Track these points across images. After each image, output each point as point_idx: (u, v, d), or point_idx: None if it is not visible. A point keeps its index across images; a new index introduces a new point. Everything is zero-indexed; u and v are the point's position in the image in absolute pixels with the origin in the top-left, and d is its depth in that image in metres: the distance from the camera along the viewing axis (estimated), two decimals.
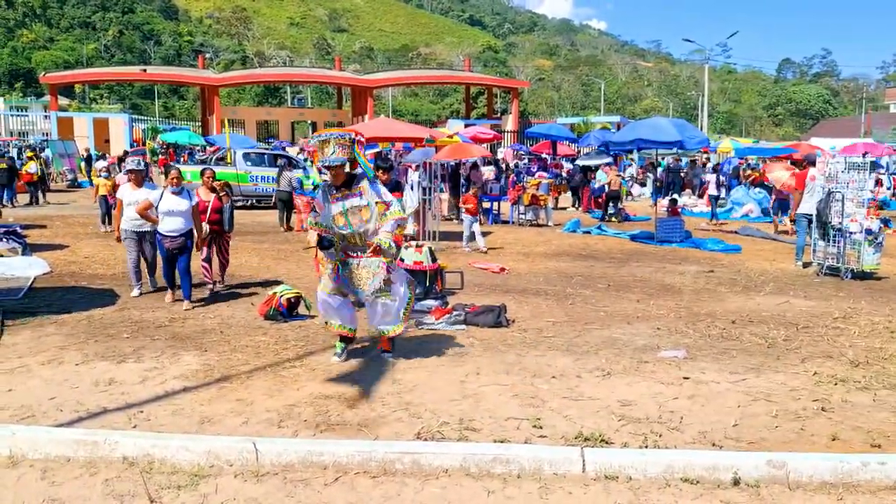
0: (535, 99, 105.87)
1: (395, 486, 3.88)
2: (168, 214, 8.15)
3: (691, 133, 14.63)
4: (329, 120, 54.87)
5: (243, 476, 3.94)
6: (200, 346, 6.56)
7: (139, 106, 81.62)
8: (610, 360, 6.20)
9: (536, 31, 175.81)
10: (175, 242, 8.22)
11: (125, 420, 4.67)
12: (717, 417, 4.82)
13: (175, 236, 8.20)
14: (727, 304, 8.77)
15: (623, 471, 3.95)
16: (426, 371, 5.85)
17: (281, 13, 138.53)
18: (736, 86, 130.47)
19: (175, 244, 8.22)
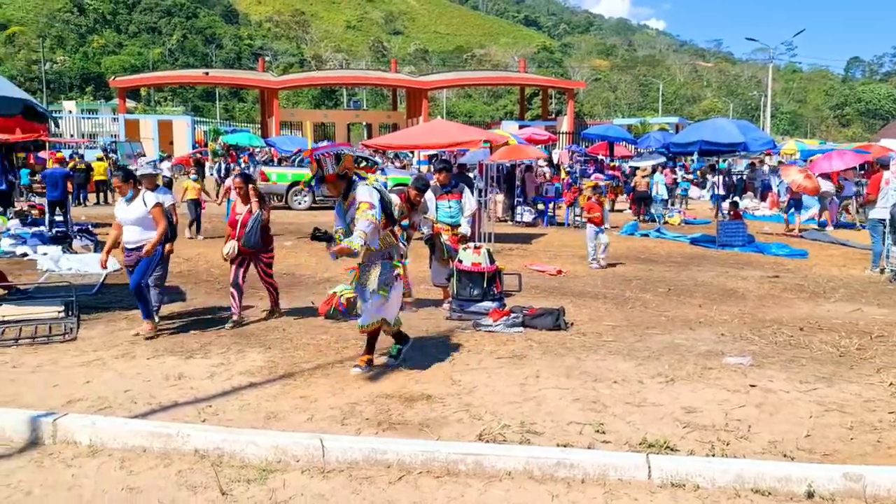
0: (591, 100, 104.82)
1: (458, 487, 3.89)
2: (123, 223, 7.06)
3: (755, 134, 14.28)
4: (384, 122, 55.45)
5: (310, 472, 4.01)
6: (264, 343, 6.70)
7: (201, 108, 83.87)
8: (673, 365, 6.10)
9: (593, 31, 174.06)
10: (130, 258, 7.02)
11: (195, 414, 4.80)
12: (788, 427, 4.69)
13: (130, 249, 7.03)
14: (794, 310, 8.52)
15: (690, 479, 3.87)
16: (485, 373, 5.85)
17: (338, 16, 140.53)
18: (801, 85, 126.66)
19: (131, 260, 7.02)
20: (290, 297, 8.87)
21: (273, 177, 21.26)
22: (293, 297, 8.81)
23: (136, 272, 6.84)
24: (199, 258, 11.84)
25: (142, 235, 6.93)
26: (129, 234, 6.97)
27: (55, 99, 71.51)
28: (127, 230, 6.98)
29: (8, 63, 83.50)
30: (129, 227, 6.96)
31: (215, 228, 16.30)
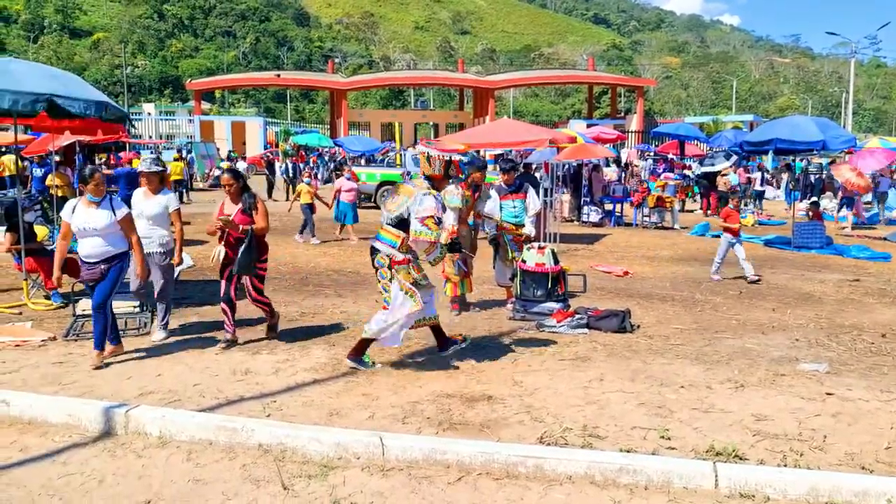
0: (662, 98, 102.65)
1: (518, 490, 3.85)
2: (81, 234, 5.87)
3: (835, 132, 13.66)
4: (451, 122, 55.59)
5: (370, 470, 4.04)
6: (328, 340, 6.80)
7: (272, 109, 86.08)
8: (743, 371, 5.89)
9: (664, 27, 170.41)
10: (92, 273, 5.89)
11: (260, 409, 4.91)
12: (867, 438, 4.46)
13: (92, 263, 5.88)
14: (876, 315, 8.12)
15: (760, 489, 3.73)
16: (548, 374, 5.79)
17: (406, 17, 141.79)
18: (886, 81, 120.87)
19: (92, 275, 5.90)
20: (355, 295, 8.99)
21: (363, 176, 21.60)
22: (358, 296, 8.92)
23: (103, 288, 5.87)
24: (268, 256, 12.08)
25: (109, 248, 5.89)
26: (89, 246, 5.86)
27: (135, 101, 74.57)
28: (87, 242, 5.86)
29: (93, 68, 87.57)
30: (88, 238, 5.85)
31: (285, 227, 16.68)
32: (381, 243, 5.85)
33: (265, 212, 6.60)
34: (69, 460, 4.22)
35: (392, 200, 5.89)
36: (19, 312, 7.80)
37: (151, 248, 6.67)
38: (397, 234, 5.77)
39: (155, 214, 6.73)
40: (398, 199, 5.85)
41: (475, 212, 8.27)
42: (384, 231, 5.86)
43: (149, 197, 6.81)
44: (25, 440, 4.49)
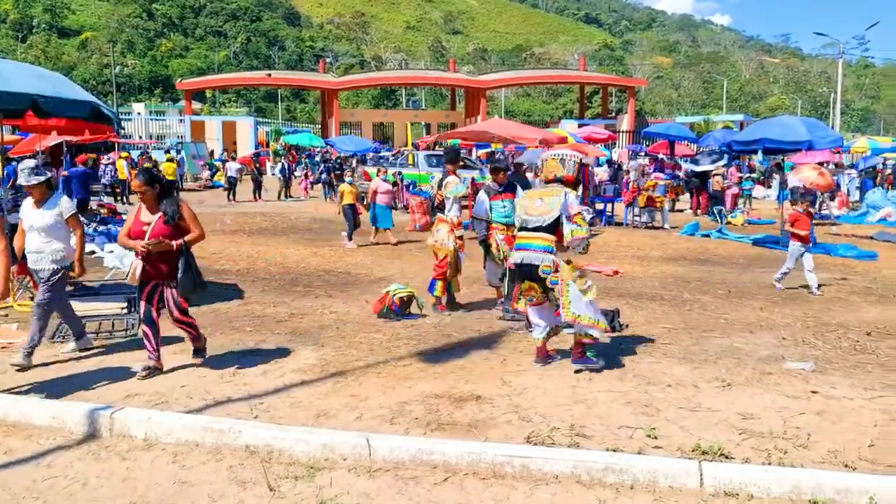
0: (653, 98, 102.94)
1: (504, 490, 3.86)
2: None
3: (822, 132, 13.74)
4: (443, 121, 55.64)
5: (356, 471, 4.05)
6: (318, 341, 6.79)
7: (263, 109, 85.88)
8: (730, 370, 5.92)
9: (655, 27, 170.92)
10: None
11: (247, 410, 4.90)
12: (850, 436, 4.49)
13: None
14: (861, 314, 8.18)
15: (744, 488, 3.75)
16: (536, 374, 5.80)
17: (398, 17, 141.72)
18: (874, 81, 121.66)
19: None
20: (345, 296, 8.98)
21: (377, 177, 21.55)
22: (348, 297, 8.91)
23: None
24: (257, 256, 12.08)
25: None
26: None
27: (125, 101, 74.24)
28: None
29: (81, 67, 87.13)
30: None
31: (276, 228, 16.66)
32: (539, 252, 5.84)
33: (193, 216, 5.79)
34: (53, 463, 4.20)
35: (535, 206, 5.92)
36: (5, 314, 7.76)
37: (41, 264, 5.90)
38: (550, 238, 5.87)
39: (47, 226, 5.91)
40: (543, 204, 5.89)
41: None
42: (534, 239, 5.88)
43: (37, 208, 6.00)
44: (10, 443, 4.47)
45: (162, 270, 5.64)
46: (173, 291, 5.70)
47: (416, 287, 8.34)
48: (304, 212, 20.77)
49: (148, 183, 5.65)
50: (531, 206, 5.93)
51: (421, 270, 10.38)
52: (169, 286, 5.69)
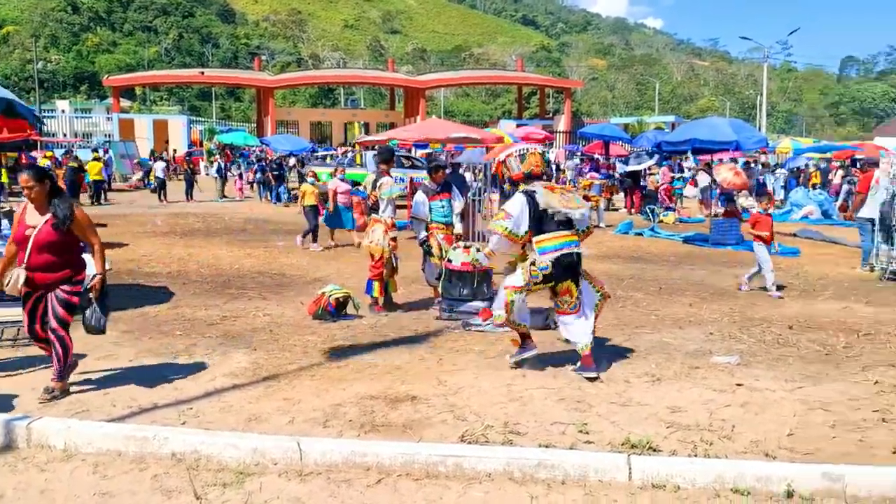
0: (589, 99, 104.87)
1: (437, 490, 3.85)
2: None
3: (748, 133, 14.27)
4: (382, 121, 55.40)
5: (287, 475, 3.98)
6: (250, 344, 6.66)
7: (197, 108, 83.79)
8: (660, 365, 6.07)
9: (590, 30, 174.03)
10: None
11: (175, 416, 4.76)
12: (772, 426, 4.66)
13: None
14: (784, 309, 8.50)
15: (671, 479, 3.84)
16: (472, 373, 5.82)
17: (335, 15, 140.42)
18: (796, 84, 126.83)
19: None
20: (279, 297, 8.84)
21: (323, 176, 21.15)
22: (283, 298, 8.78)
23: None
24: (189, 258, 11.78)
25: None
26: None
27: (48, 98, 71.32)
28: None
29: (2, 63, 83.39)
30: None
31: (209, 229, 16.27)
32: (578, 247, 5.73)
33: (90, 223, 5.13)
34: None
35: (571, 201, 5.68)
36: None
37: None
38: None
39: None
40: (570, 197, 5.73)
41: None
42: (572, 236, 5.69)
43: None
44: None
45: (49, 279, 4.94)
46: (60, 299, 4.99)
47: (352, 288, 8.27)
48: (239, 212, 20.39)
49: (36, 178, 4.89)
50: (573, 203, 5.67)
51: (357, 271, 10.29)
52: (55, 293, 4.97)
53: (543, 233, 5.60)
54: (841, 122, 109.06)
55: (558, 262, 5.57)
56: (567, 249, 5.60)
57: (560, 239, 5.61)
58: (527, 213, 5.56)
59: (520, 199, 5.59)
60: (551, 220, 5.59)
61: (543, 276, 5.57)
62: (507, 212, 5.62)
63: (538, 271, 5.56)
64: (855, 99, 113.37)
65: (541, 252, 5.57)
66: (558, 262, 5.57)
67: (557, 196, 5.63)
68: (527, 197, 5.59)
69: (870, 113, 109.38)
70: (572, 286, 5.71)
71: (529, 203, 5.57)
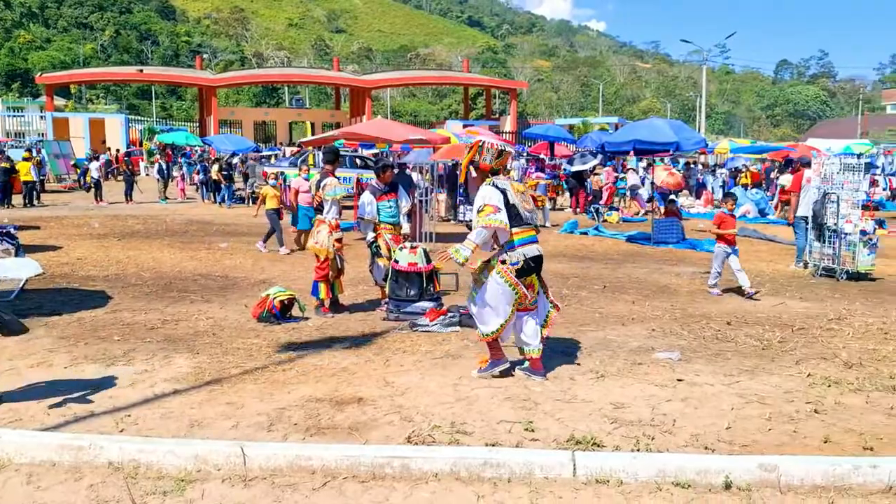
0: (534, 100, 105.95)
1: (383, 491, 3.83)
2: None
3: (688, 134, 14.61)
4: (327, 121, 54.90)
5: (230, 481, 3.90)
6: (192, 348, 6.51)
7: (136, 106, 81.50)
8: (604, 361, 6.17)
9: (535, 32, 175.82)
10: None
11: (113, 424, 4.62)
12: (711, 420, 4.78)
13: None
14: (722, 305, 8.74)
15: (614, 475, 3.91)
16: (419, 374, 5.81)
17: (279, 14, 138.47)
18: (734, 87, 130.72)
19: None
20: (223, 300, 8.68)
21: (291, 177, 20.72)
22: (226, 301, 8.62)
23: None
24: (128, 261, 11.46)
25: None
26: None
27: None
28: None
29: None
30: None
31: (149, 230, 15.86)
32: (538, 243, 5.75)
33: None
34: None
35: (528, 203, 5.75)
36: None
37: None
38: None
39: None
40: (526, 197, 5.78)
41: None
42: (535, 231, 5.75)
43: None
44: None
45: None
46: None
47: (297, 290, 8.18)
48: (180, 214, 19.94)
49: None
50: (526, 202, 5.75)
51: (303, 273, 10.19)
52: None
53: (516, 226, 5.66)
54: (776, 123, 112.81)
55: (529, 257, 5.62)
56: (534, 244, 5.69)
57: (528, 233, 5.69)
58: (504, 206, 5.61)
59: (497, 193, 5.62)
60: (518, 216, 5.67)
61: (517, 270, 5.59)
62: (494, 205, 5.57)
63: (511, 267, 5.58)
64: (789, 101, 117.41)
65: (517, 244, 5.61)
66: (529, 256, 5.62)
67: (521, 197, 5.74)
68: (501, 192, 5.63)
69: (803, 115, 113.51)
70: (535, 281, 5.78)
71: (504, 197, 5.62)
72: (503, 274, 5.55)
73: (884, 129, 79.68)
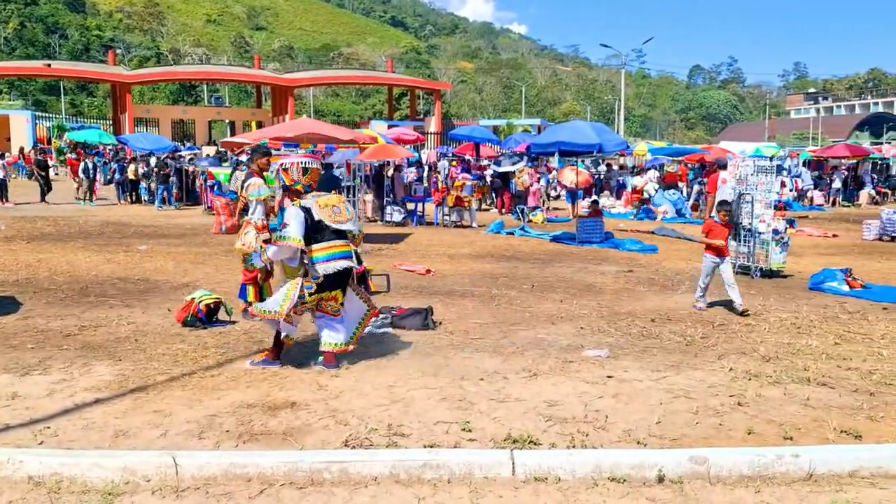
0: (458, 101, 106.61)
1: (322, 497, 3.77)
2: None
3: (609, 136, 15.01)
4: (248, 119, 53.72)
5: (161, 492, 3.76)
6: (114, 355, 6.25)
7: (43, 103, 77.48)
8: (536, 360, 6.25)
9: (458, 33, 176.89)
10: None
11: (30, 437, 4.38)
12: (641, 415, 4.92)
13: None
14: (646, 302, 9.00)
15: (552, 472, 3.97)
16: (353, 376, 5.75)
17: (197, 9, 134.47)
18: (650, 90, 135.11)
19: None
20: (144, 304, 8.36)
21: (221, 177, 19.91)
22: (148, 305, 8.30)
23: None
24: (39, 265, 10.90)
25: None
26: None
27: None
28: None
29: None
30: None
31: (61, 233, 15.13)
32: (351, 259, 6.03)
33: None
34: None
35: (342, 214, 6.00)
36: None
37: None
38: None
39: None
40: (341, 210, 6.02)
41: None
42: (346, 246, 6.02)
43: None
44: None
45: None
46: None
47: (223, 293, 7.96)
48: (94, 215, 19.12)
49: None
50: (340, 216, 6.01)
51: (228, 276, 9.93)
52: None
53: (319, 242, 5.93)
54: (690, 126, 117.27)
55: (331, 275, 5.89)
56: (341, 261, 5.94)
57: (334, 249, 5.94)
58: (303, 225, 5.85)
59: (297, 212, 5.89)
60: (326, 229, 5.95)
61: (317, 285, 5.87)
62: (288, 224, 5.87)
63: (311, 281, 5.87)
64: (702, 105, 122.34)
65: (316, 261, 5.89)
66: (331, 274, 5.89)
67: (329, 211, 5.99)
68: (303, 211, 5.90)
69: (715, 118, 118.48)
70: (339, 295, 6.05)
71: (306, 216, 5.88)
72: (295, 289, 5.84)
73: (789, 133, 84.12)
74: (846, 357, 6.48)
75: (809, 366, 6.14)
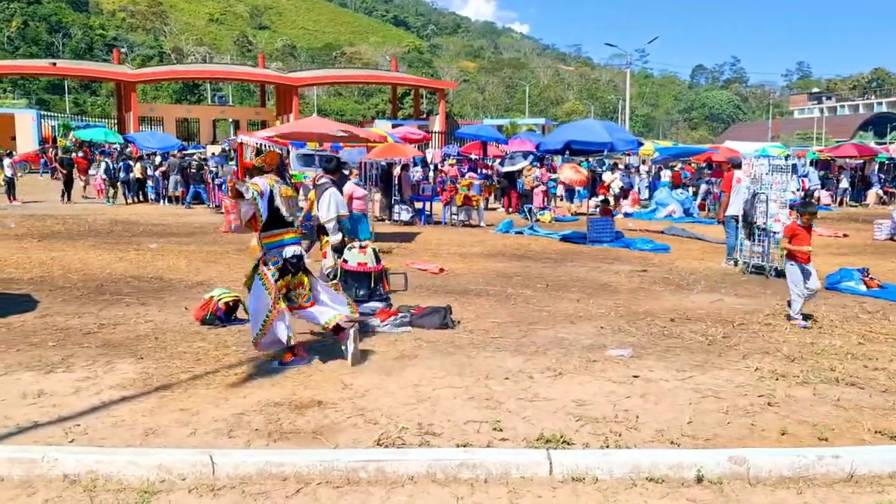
0: (461, 100, 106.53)
1: (359, 496, 3.75)
2: None
3: (621, 135, 14.95)
4: (252, 118, 53.72)
5: (198, 491, 3.73)
6: (135, 353, 6.22)
7: (47, 101, 77.48)
8: (559, 359, 6.22)
9: (460, 33, 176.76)
10: None
11: (61, 434, 4.35)
12: (672, 415, 4.88)
13: None
14: (664, 302, 8.96)
15: (590, 472, 3.93)
16: (377, 375, 5.72)
17: (200, 9, 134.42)
18: (653, 90, 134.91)
19: None
20: (160, 303, 8.34)
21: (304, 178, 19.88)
22: (164, 304, 8.28)
23: None
24: (52, 263, 10.88)
25: None
26: None
27: None
28: None
29: None
30: None
31: (70, 231, 15.12)
32: (300, 244, 6.19)
33: None
34: None
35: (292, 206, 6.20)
36: None
37: None
38: None
39: None
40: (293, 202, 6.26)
41: None
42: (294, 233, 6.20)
43: None
44: None
45: None
46: None
47: (240, 291, 7.92)
48: (102, 214, 19.10)
49: None
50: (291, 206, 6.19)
51: (241, 274, 9.85)
52: None
53: (273, 228, 6.05)
54: (694, 126, 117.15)
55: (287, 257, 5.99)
56: (291, 246, 6.04)
57: (285, 235, 6.11)
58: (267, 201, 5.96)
59: (266, 184, 5.97)
60: (281, 219, 6.10)
61: (278, 269, 5.94)
62: (259, 187, 5.91)
63: (272, 267, 5.92)
64: (705, 105, 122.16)
65: (269, 247, 6.03)
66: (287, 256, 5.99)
67: (285, 201, 6.12)
68: (270, 189, 5.99)
69: (718, 118, 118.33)
70: (304, 278, 6.13)
71: (270, 195, 5.99)
72: (262, 276, 5.88)
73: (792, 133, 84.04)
74: (871, 357, 6.44)
75: (836, 366, 6.10)
